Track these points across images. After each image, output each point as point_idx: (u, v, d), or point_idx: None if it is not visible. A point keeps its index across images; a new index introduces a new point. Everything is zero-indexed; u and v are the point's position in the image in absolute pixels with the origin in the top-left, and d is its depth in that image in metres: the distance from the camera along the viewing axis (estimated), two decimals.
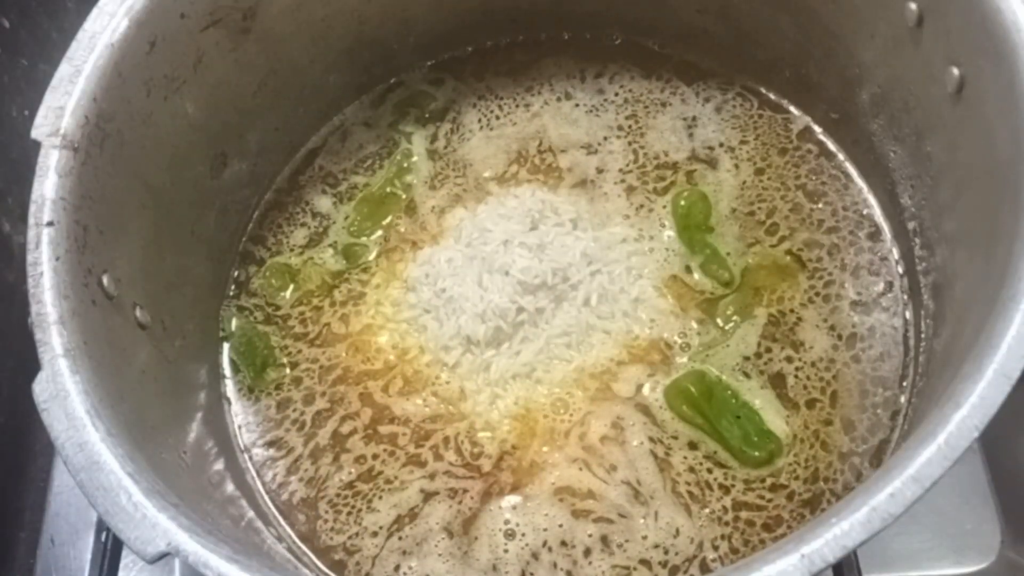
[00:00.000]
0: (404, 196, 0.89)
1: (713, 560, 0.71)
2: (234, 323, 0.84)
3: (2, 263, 0.92)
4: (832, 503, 0.72)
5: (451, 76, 0.95)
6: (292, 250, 0.88)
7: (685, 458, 0.75)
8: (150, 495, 0.54)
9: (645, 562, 0.72)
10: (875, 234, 0.83)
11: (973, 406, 0.51)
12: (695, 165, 0.88)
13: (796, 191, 0.86)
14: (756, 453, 0.74)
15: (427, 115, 0.93)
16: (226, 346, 0.83)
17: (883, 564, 0.82)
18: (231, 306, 0.85)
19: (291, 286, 0.86)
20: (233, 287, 0.86)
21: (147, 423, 0.63)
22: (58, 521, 0.90)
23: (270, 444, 0.80)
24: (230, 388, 0.82)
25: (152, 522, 0.53)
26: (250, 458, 0.79)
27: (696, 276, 0.82)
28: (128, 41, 0.68)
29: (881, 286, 0.81)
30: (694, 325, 0.80)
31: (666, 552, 0.72)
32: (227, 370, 0.83)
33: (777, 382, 0.77)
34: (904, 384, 0.76)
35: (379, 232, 0.88)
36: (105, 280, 0.65)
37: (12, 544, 0.88)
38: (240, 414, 0.81)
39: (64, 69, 0.65)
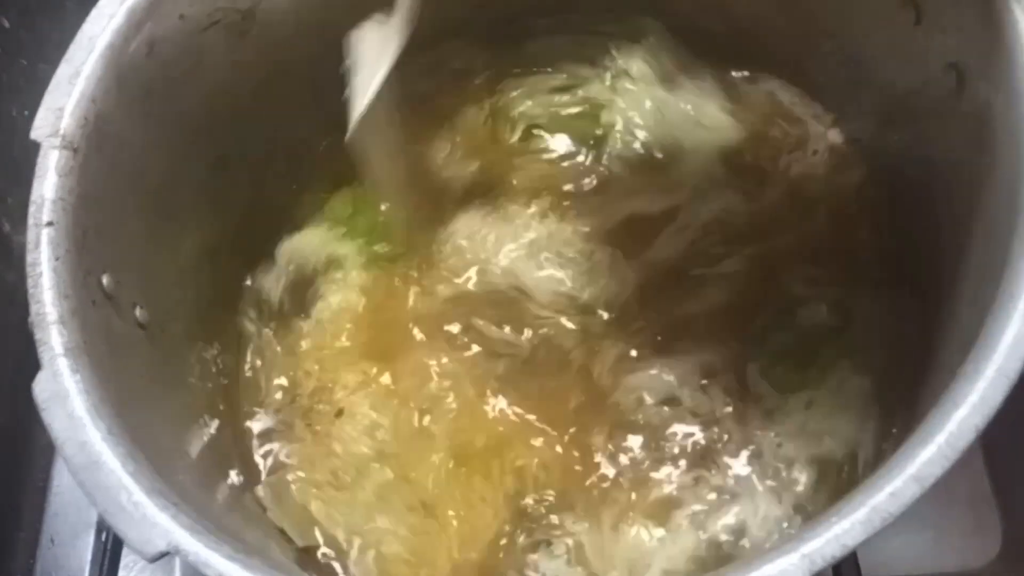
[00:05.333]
0: None
1: None
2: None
3: (2, 263, 0.92)
4: None
5: None
6: None
7: None
8: (151, 494, 0.53)
9: None
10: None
11: (973, 406, 0.51)
12: None
13: None
14: None
15: None
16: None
17: (883, 564, 0.82)
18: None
19: None
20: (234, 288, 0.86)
21: (148, 422, 0.63)
22: (58, 521, 0.90)
23: (275, 440, 0.80)
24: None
25: (152, 521, 0.53)
26: (254, 455, 0.79)
27: None
28: (127, 42, 0.67)
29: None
30: None
31: None
32: None
33: None
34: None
35: None
36: (105, 280, 0.65)
37: (12, 544, 0.88)
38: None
39: (63, 70, 0.65)
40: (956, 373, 0.53)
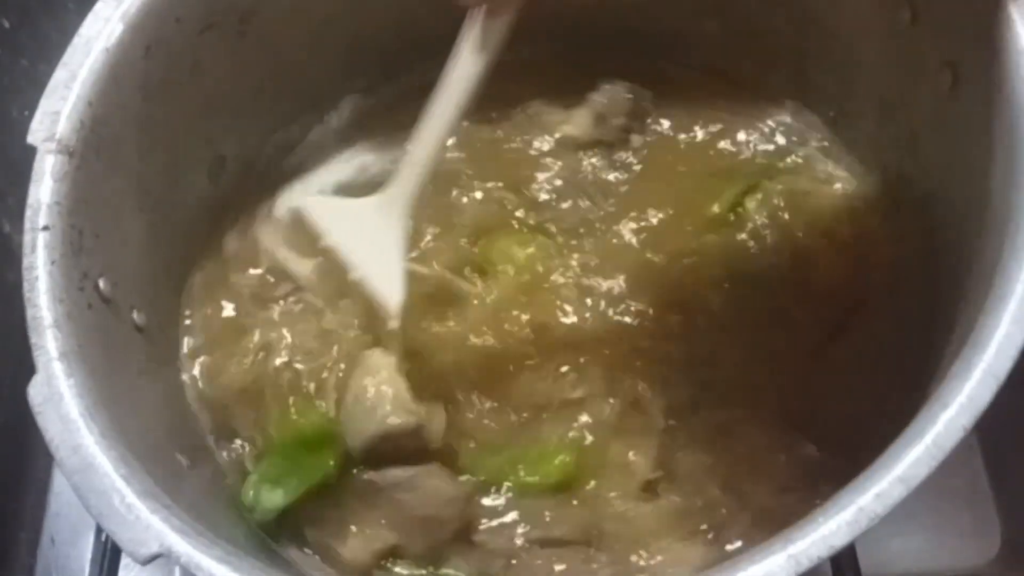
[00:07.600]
0: None
1: None
2: None
3: (2, 263, 0.92)
4: None
5: None
6: None
7: None
8: (143, 497, 0.54)
9: None
10: None
11: (961, 406, 0.51)
12: None
13: None
14: None
15: None
16: None
17: (882, 563, 0.82)
18: None
19: None
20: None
21: (142, 426, 0.63)
22: (58, 521, 0.91)
23: None
24: None
25: (145, 524, 0.53)
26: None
27: None
28: (123, 45, 0.67)
29: None
30: None
31: None
32: None
33: None
34: None
35: None
36: (101, 284, 0.65)
37: (12, 544, 0.89)
38: None
39: (60, 74, 0.65)
40: (945, 373, 0.53)
